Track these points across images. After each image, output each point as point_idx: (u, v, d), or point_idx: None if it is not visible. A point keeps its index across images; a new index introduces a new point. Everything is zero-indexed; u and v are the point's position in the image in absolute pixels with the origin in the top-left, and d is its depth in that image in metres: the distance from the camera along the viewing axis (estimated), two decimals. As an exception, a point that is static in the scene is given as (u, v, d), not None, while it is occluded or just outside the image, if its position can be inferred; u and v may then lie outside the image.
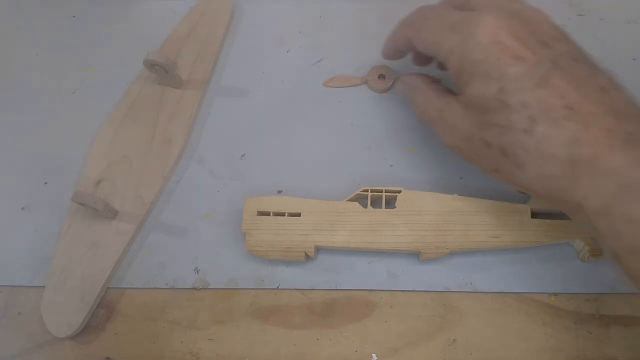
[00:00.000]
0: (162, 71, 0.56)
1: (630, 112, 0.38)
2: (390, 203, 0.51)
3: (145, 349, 0.48)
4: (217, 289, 0.50)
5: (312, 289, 0.50)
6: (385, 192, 0.50)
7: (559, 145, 0.37)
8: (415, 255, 0.50)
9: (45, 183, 0.56)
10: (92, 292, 0.49)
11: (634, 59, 0.61)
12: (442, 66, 0.54)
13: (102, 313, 0.49)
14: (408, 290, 0.49)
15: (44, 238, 0.53)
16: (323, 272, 0.50)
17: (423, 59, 0.55)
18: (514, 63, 0.39)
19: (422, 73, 0.53)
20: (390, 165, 0.56)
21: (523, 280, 0.49)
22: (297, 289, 0.50)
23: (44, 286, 0.49)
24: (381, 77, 0.59)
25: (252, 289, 0.50)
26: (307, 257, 0.50)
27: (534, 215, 0.50)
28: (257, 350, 0.47)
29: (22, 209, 0.55)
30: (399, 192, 0.50)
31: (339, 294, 0.50)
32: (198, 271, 0.51)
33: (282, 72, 0.62)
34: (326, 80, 0.61)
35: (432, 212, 0.49)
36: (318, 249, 0.51)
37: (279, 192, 0.54)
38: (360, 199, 0.52)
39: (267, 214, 0.50)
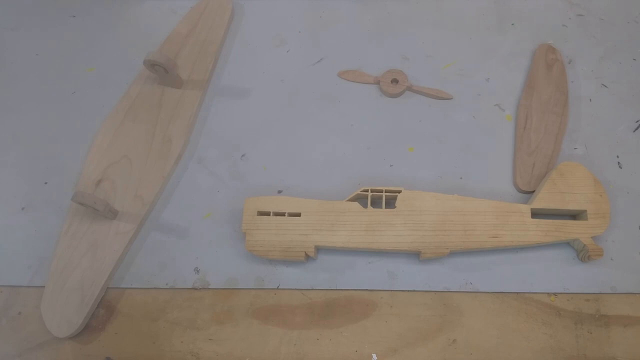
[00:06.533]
0: (162, 71, 0.56)
1: None
2: (390, 203, 0.51)
3: (145, 349, 0.48)
4: (217, 289, 0.50)
5: (312, 289, 0.50)
6: (385, 192, 0.50)
7: None
8: (415, 255, 0.50)
9: (45, 183, 0.56)
10: (92, 292, 0.49)
11: (634, 59, 0.61)
12: None
13: (102, 313, 0.49)
14: (408, 290, 0.49)
15: (44, 238, 0.53)
16: (323, 272, 0.50)
17: None
18: None
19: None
20: (390, 165, 0.56)
21: (523, 280, 0.49)
22: (297, 289, 0.50)
23: (44, 286, 0.49)
24: (394, 81, 0.59)
25: (252, 289, 0.50)
26: (307, 257, 0.50)
27: (534, 215, 0.50)
28: (257, 350, 0.47)
29: (22, 209, 0.55)
30: (399, 192, 0.50)
31: (339, 294, 0.50)
32: (198, 271, 0.51)
33: (282, 72, 0.62)
34: (341, 71, 0.61)
35: (432, 212, 0.49)
36: (318, 249, 0.51)
37: (279, 192, 0.54)
38: (360, 199, 0.51)
39: (267, 214, 0.50)
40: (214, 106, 0.60)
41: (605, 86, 0.59)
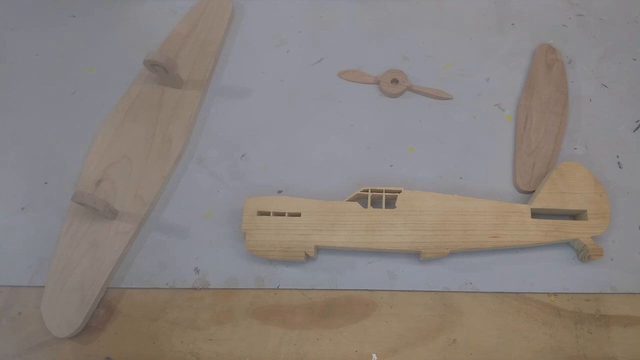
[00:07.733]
0: (162, 71, 0.56)
1: None
2: (390, 203, 0.51)
3: (145, 349, 0.48)
4: (217, 289, 0.50)
5: (312, 289, 0.50)
6: (385, 192, 0.50)
7: None
8: (415, 255, 0.50)
9: (45, 183, 0.56)
10: (92, 292, 0.49)
11: (634, 59, 0.61)
12: None
13: (102, 313, 0.49)
14: (408, 290, 0.49)
15: (44, 238, 0.53)
16: (323, 272, 0.50)
17: None
18: None
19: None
20: (390, 165, 0.56)
21: (523, 280, 0.49)
22: (297, 289, 0.50)
23: (44, 286, 0.49)
24: (394, 81, 0.59)
25: (252, 289, 0.50)
26: (307, 257, 0.50)
27: (534, 215, 0.50)
28: (257, 350, 0.47)
29: (22, 209, 0.55)
30: (399, 192, 0.50)
31: (339, 294, 0.50)
32: (198, 271, 0.51)
33: (282, 72, 0.62)
34: (341, 71, 0.61)
35: (432, 212, 0.49)
36: (318, 249, 0.51)
37: (279, 192, 0.54)
38: (360, 199, 0.51)
39: (267, 214, 0.50)
40: (214, 106, 0.60)
41: (605, 86, 0.59)
